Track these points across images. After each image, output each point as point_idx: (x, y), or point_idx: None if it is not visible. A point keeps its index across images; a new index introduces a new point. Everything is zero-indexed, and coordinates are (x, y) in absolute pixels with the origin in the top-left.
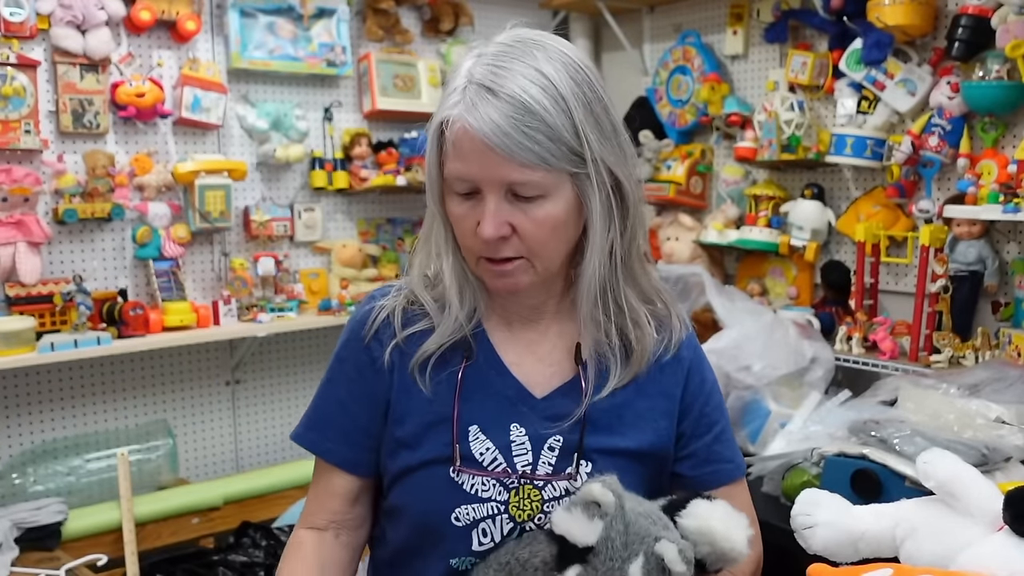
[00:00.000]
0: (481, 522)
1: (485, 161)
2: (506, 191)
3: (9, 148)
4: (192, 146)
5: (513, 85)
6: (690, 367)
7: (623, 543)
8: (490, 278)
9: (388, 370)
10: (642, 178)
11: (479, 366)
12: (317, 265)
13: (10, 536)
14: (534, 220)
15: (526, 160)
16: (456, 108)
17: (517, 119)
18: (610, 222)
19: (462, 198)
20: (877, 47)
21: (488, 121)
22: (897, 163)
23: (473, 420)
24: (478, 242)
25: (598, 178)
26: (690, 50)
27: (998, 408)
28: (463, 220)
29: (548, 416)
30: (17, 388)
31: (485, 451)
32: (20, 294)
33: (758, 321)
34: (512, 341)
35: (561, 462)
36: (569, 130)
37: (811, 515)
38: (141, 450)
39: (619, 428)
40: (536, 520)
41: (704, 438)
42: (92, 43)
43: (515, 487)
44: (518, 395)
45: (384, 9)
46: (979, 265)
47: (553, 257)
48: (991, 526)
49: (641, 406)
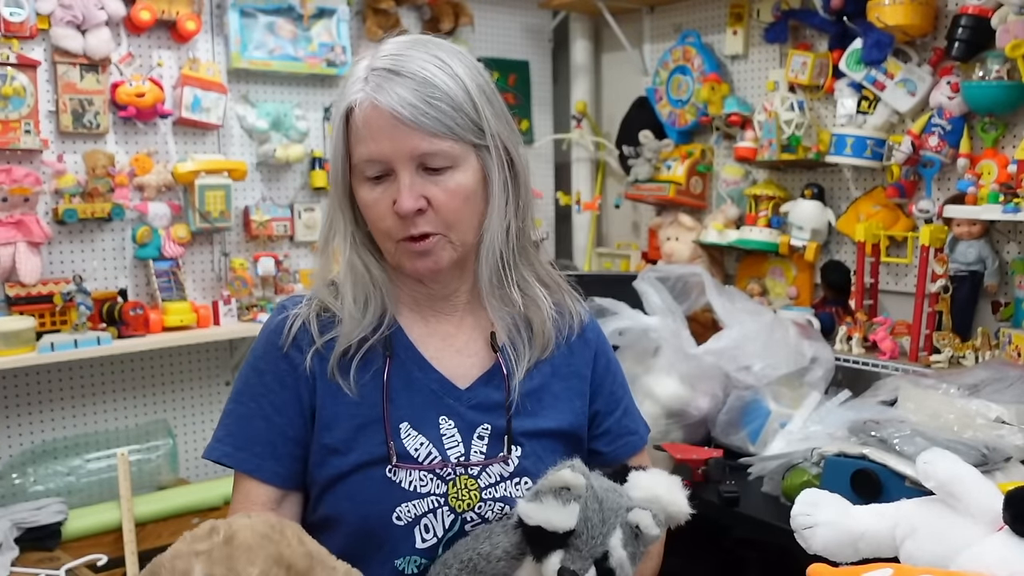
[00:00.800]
0: (423, 518)
1: (395, 135)
2: (417, 165)
3: (9, 148)
4: (192, 146)
5: (413, 66)
6: (597, 348)
7: (600, 519)
8: (411, 260)
9: (311, 376)
10: (528, 163)
11: (401, 364)
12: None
13: (10, 536)
14: (446, 191)
15: (434, 129)
16: (361, 92)
17: (421, 91)
18: (507, 197)
19: (373, 183)
20: (877, 47)
21: (395, 96)
22: (897, 163)
23: (402, 418)
24: (395, 222)
25: (496, 153)
26: (690, 50)
27: (998, 408)
28: (377, 204)
29: (473, 406)
30: (17, 388)
31: (419, 446)
32: (20, 294)
33: (758, 321)
34: (429, 336)
35: (492, 448)
36: (468, 103)
37: (811, 515)
38: (141, 450)
39: (540, 411)
40: (476, 510)
41: (615, 414)
42: (92, 43)
43: (452, 479)
44: (442, 388)
45: (384, 9)
46: (979, 265)
47: (467, 230)
48: (991, 526)
49: (557, 387)
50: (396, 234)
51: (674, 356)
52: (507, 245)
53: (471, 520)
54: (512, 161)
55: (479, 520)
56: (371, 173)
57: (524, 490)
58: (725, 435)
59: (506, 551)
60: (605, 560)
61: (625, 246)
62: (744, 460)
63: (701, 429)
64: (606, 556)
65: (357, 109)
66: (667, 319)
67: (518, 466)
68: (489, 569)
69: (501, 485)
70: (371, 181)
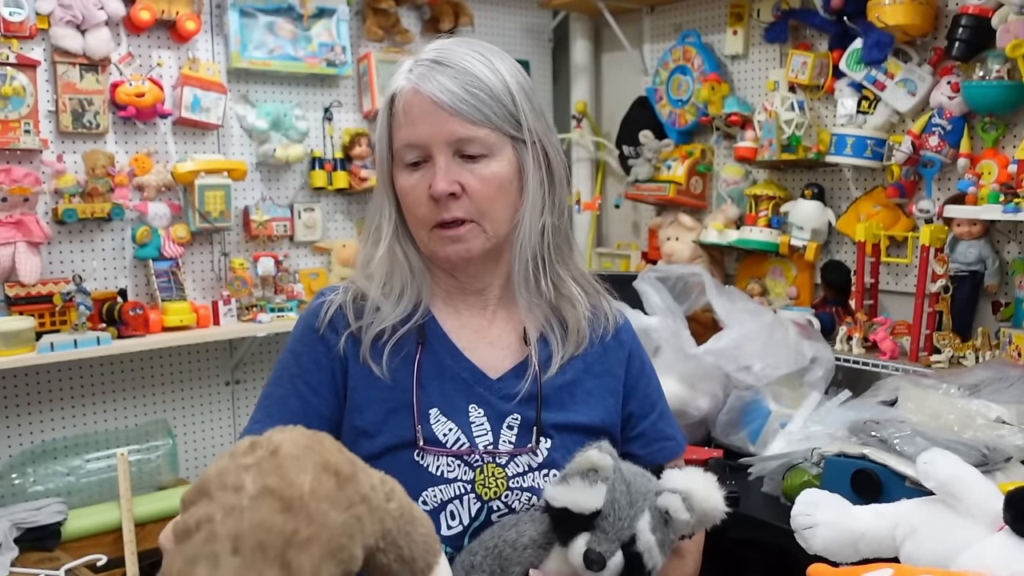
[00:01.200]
0: (448, 504)
1: (434, 120)
2: (454, 151)
3: (9, 148)
4: (192, 146)
5: (455, 57)
6: (631, 350)
7: (628, 502)
8: (443, 245)
9: (344, 358)
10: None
11: (433, 351)
12: (317, 265)
13: (10, 536)
14: (481, 178)
15: (472, 116)
16: (405, 81)
17: (461, 79)
18: (543, 194)
19: (411, 169)
20: (877, 47)
21: (436, 83)
22: (897, 163)
23: (432, 403)
24: (430, 208)
25: (532, 149)
26: (690, 50)
27: (998, 408)
28: (414, 190)
29: (504, 396)
30: (17, 388)
31: (448, 432)
32: (20, 294)
33: (758, 321)
34: (462, 327)
35: (520, 439)
36: (507, 96)
37: (811, 515)
38: (141, 450)
39: (571, 405)
40: (503, 498)
41: (649, 417)
42: (92, 43)
43: (479, 465)
44: (473, 377)
45: (384, 9)
46: (979, 265)
47: (500, 220)
48: (991, 526)
49: (590, 384)
50: (430, 219)
51: (674, 356)
52: (542, 242)
53: (498, 509)
54: (549, 161)
55: (506, 509)
56: (410, 158)
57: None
58: (725, 435)
59: (532, 539)
60: (632, 544)
61: (625, 246)
62: (744, 460)
63: (701, 429)
64: (633, 540)
65: (399, 96)
66: (667, 319)
67: (547, 458)
68: (515, 556)
69: (529, 475)
70: (409, 168)
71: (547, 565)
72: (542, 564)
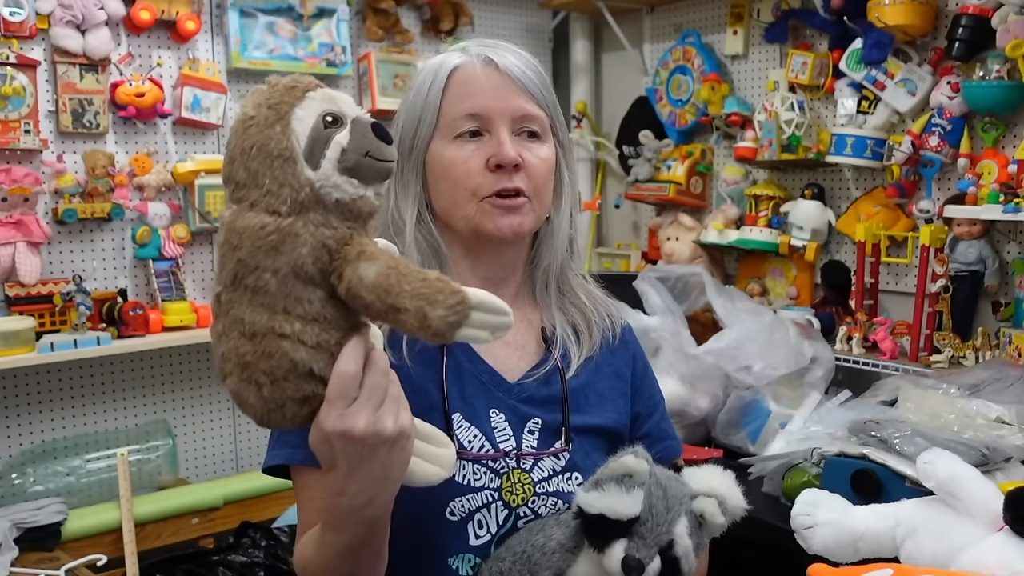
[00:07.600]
0: (476, 513)
1: (504, 93)
2: (513, 127)
3: (9, 148)
4: (192, 146)
5: (508, 46)
6: (635, 352)
7: (665, 507)
8: (497, 216)
9: None
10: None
11: (451, 353)
12: None
13: (10, 536)
14: (538, 157)
15: (536, 95)
16: (466, 56)
17: (525, 60)
18: (571, 193)
19: (463, 140)
20: (877, 47)
21: (507, 59)
22: (897, 163)
23: (455, 408)
24: (488, 178)
25: (561, 149)
26: (690, 50)
27: (998, 408)
28: (467, 161)
29: (523, 400)
30: (17, 388)
31: (472, 438)
32: (20, 294)
33: (758, 321)
34: None
35: (542, 443)
36: (549, 87)
37: (811, 515)
38: (141, 450)
39: (587, 407)
40: (530, 504)
41: (653, 417)
42: (92, 43)
43: (505, 472)
44: (491, 380)
45: (384, 9)
46: (979, 265)
47: (545, 204)
48: (991, 526)
49: (602, 386)
50: (487, 189)
51: (674, 356)
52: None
53: (525, 515)
54: (569, 165)
55: (532, 516)
56: (466, 128)
57: (576, 485)
58: (725, 435)
59: (560, 543)
60: (670, 549)
61: (625, 246)
62: (744, 460)
63: (701, 429)
64: (671, 545)
65: (461, 69)
66: (667, 319)
67: (569, 461)
68: (544, 561)
69: (554, 480)
70: (460, 139)
71: (576, 569)
72: (570, 568)
